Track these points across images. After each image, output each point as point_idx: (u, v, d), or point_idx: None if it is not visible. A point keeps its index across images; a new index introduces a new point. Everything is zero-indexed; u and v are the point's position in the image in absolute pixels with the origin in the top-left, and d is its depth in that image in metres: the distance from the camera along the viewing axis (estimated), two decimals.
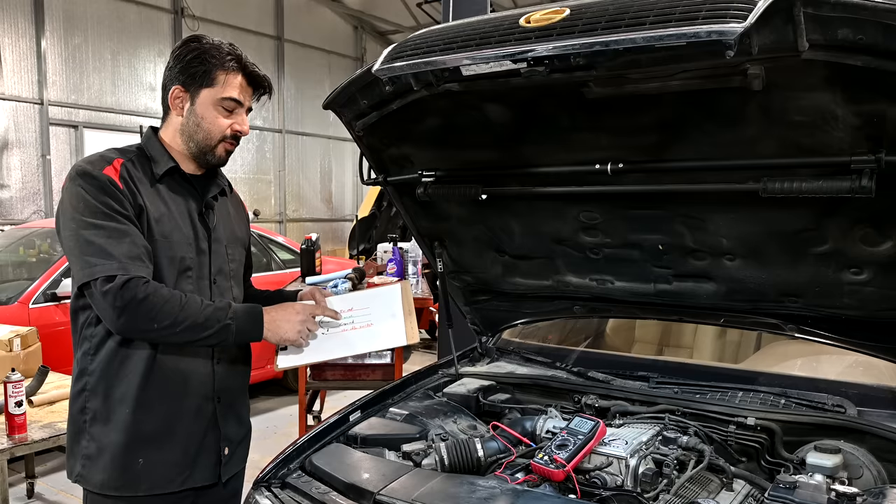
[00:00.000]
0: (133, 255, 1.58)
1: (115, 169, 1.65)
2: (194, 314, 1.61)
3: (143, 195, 1.68)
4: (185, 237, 1.73)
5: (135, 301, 1.55)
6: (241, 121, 1.77)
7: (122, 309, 1.55)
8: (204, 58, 1.70)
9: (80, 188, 1.61)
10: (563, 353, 2.58)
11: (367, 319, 1.89)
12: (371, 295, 1.99)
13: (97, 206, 1.59)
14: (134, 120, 10.32)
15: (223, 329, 1.64)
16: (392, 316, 1.90)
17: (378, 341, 1.89)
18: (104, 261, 1.55)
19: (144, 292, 1.56)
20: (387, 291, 1.97)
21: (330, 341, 1.84)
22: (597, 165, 1.76)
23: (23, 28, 9.16)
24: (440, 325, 4.99)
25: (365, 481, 1.63)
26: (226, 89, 1.71)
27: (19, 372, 3.19)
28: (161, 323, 1.58)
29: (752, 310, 2.02)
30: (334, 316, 1.83)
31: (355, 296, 1.99)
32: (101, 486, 1.68)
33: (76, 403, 1.72)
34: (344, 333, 1.86)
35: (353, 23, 14.67)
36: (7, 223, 8.67)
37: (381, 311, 1.91)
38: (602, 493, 1.62)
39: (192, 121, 1.73)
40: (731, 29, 1.19)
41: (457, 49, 1.53)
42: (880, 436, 1.71)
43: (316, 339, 1.83)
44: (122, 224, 1.60)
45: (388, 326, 1.88)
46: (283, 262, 6.39)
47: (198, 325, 1.61)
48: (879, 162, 1.43)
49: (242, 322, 1.68)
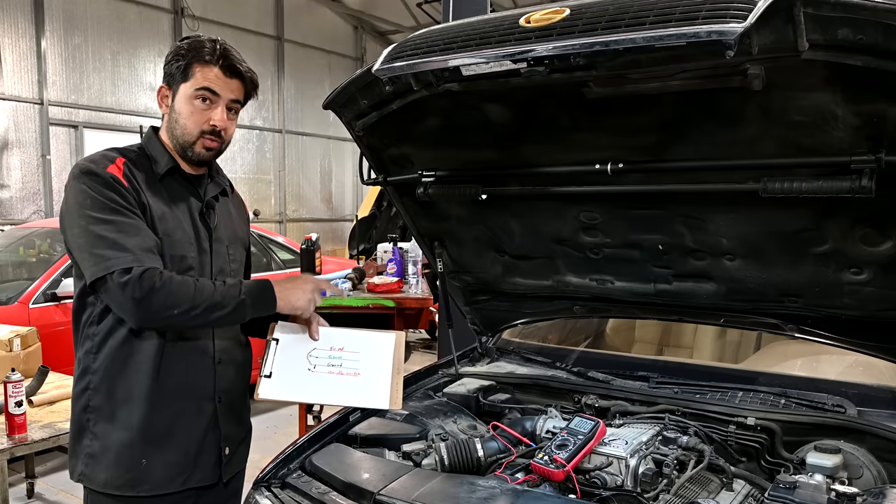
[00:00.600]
0: (146, 248, 1.60)
1: (118, 167, 1.66)
2: (209, 295, 1.62)
3: (146, 193, 1.68)
4: (187, 236, 1.73)
5: (153, 290, 1.55)
6: (217, 114, 1.72)
7: (141, 300, 1.55)
8: (183, 53, 1.70)
9: (84, 186, 1.61)
10: (563, 353, 2.58)
11: (355, 367, 1.85)
12: (366, 338, 1.93)
13: (104, 202, 1.59)
14: (134, 120, 10.31)
15: (239, 305, 1.65)
16: (381, 370, 1.85)
17: (360, 398, 1.84)
18: (119, 253, 1.55)
19: (161, 281, 1.57)
20: (381, 339, 1.93)
21: (315, 381, 1.81)
22: (597, 165, 1.76)
23: (23, 28, 9.16)
24: (440, 325, 4.99)
25: (365, 481, 1.63)
26: (199, 80, 1.69)
27: (19, 372, 3.19)
28: (181, 307, 1.58)
29: (752, 310, 2.02)
30: (339, 293, 1.84)
31: (350, 335, 1.93)
32: (104, 485, 1.68)
33: (79, 402, 1.72)
34: (330, 376, 1.83)
35: (353, 23, 14.67)
36: (7, 223, 8.67)
37: (371, 360, 1.87)
38: (602, 493, 1.62)
39: (173, 117, 1.73)
40: (731, 29, 1.19)
41: (457, 49, 1.53)
42: (880, 436, 1.71)
43: (303, 373, 1.81)
44: (131, 218, 1.61)
45: (374, 382, 1.83)
46: (283, 262, 6.39)
47: (215, 304, 1.62)
48: (879, 162, 1.43)
49: (256, 296, 1.69)
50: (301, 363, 1.83)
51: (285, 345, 1.85)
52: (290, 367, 1.82)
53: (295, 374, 1.80)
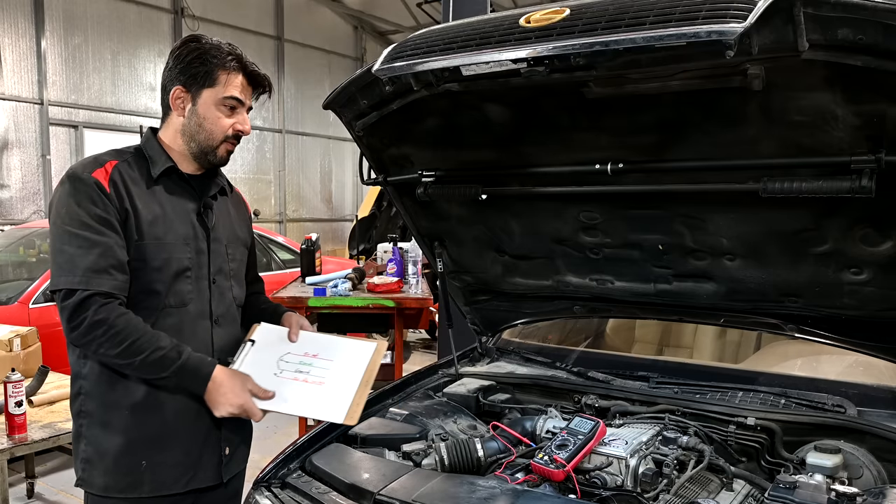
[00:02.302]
0: (98, 268, 1.58)
1: (106, 171, 1.66)
2: (143, 355, 1.59)
3: (136, 197, 1.67)
4: (182, 238, 1.72)
5: (86, 322, 1.56)
6: (242, 120, 1.77)
7: (74, 328, 1.57)
8: (205, 58, 1.70)
9: (66, 191, 1.63)
10: (563, 353, 2.58)
11: (322, 375, 1.77)
12: (344, 345, 1.87)
13: (77, 213, 1.60)
14: (134, 120, 10.32)
15: (167, 378, 1.63)
16: (348, 381, 1.77)
17: (315, 409, 1.74)
18: (68, 273, 1.57)
19: (97, 316, 1.56)
20: (359, 348, 1.86)
21: (275, 387, 1.71)
22: (597, 165, 1.76)
23: (23, 28, 9.16)
24: (440, 325, 4.99)
25: (365, 481, 1.63)
26: (227, 89, 1.71)
27: (19, 372, 3.20)
28: (108, 351, 1.58)
29: (752, 310, 2.02)
30: (264, 396, 1.69)
31: (329, 341, 1.88)
32: (104, 490, 1.68)
33: (73, 406, 1.73)
34: (294, 383, 1.75)
35: (353, 23, 14.67)
36: (7, 223, 8.67)
37: (342, 370, 1.79)
38: (602, 493, 1.62)
39: (194, 121, 1.73)
40: (731, 29, 1.19)
41: (457, 49, 1.53)
42: (880, 436, 1.71)
43: (268, 378, 1.74)
44: (96, 234, 1.60)
45: (336, 393, 1.74)
46: (283, 262, 6.40)
47: (146, 365, 1.60)
48: (879, 162, 1.43)
49: (187, 378, 1.64)
50: (269, 367, 1.77)
51: (260, 347, 1.81)
52: (256, 370, 1.75)
53: (258, 378, 1.72)
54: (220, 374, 1.66)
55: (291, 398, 1.72)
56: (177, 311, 1.71)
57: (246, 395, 1.66)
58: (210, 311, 1.78)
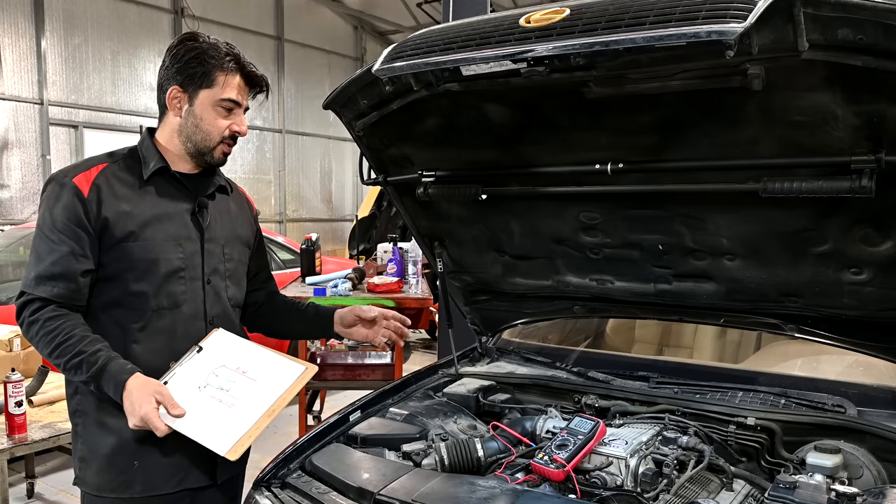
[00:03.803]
0: (47, 275, 1.62)
1: (90, 177, 1.66)
2: (66, 357, 1.59)
3: (123, 199, 1.68)
4: (173, 238, 1.72)
5: (24, 324, 1.64)
6: (239, 121, 1.77)
7: (20, 326, 1.66)
8: (203, 58, 1.69)
9: (47, 194, 1.69)
10: (563, 353, 2.57)
11: (237, 397, 1.67)
12: (275, 364, 1.77)
13: (48, 218, 1.65)
14: (134, 120, 10.33)
15: (88, 382, 1.62)
16: (255, 408, 1.66)
17: (208, 435, 1.60)
18: (26, 275, 1.65)
19: (32, 318, 1.62)
20: (287, 369, 1.77)
21: (193, 402, 1.63)
22: (597, 165, 1.76)
23: (23, 28, 9.16)
24: (440, 325, 4.98)
25: (365, 481, 1.63)
26: (225, 90, 1.71)
27: (19, 372, 3.20)
28: (43, 352, 1.65)
29: (752, 310, 2.01)
30: (172, 410, 1.58)
31: (263, 356, 1.78)
32: (98, 489, 1.69)
33: (70, 406, 1.75)
34: (210, 401, 1.66)
35: (353, 23, 14.67)
36: (7, 223, 8.67)
37: (257, 394, 1.69)
38: (602, 493, 1.62)
39: (191, 122, 1.73)
40: (731, 29, 1.19)
41: (457, 49, 1.53)
42: (880, 436, 1.71)
43: (189, 391, 1.66)
44: (55, 243, 1.63)
45: (237, 421, 1.63)
46: (283, 262, 6.38)
47: (69, 368, 1.60)
48: (879, 162, 1.43)
49: (105, 384, 1.59)
50: (198, 379, 1.69)
51: (205, 354, 1.73)
52: (186, 380, 1.68)
53: (182, 389, 1.65)
54: (133, 382, 1.57)
55: (195, 416, 1.62)
56: (170, 312, 1.71)
57: (149, 407, 1.54)
58: (204, 312, 1.77)
